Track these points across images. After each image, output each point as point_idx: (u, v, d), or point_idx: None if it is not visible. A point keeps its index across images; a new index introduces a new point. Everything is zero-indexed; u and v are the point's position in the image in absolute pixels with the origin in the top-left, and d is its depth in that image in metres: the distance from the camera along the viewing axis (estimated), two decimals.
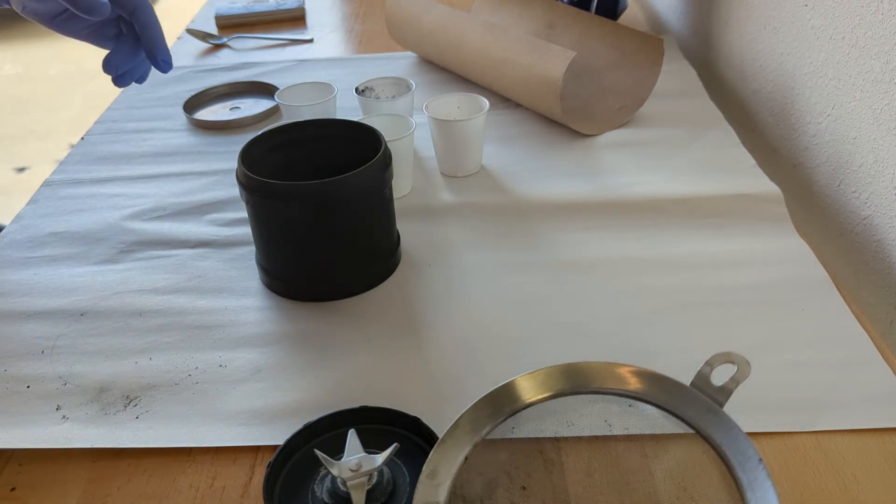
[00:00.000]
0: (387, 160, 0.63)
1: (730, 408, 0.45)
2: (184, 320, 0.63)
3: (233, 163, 0.85)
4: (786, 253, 0.67)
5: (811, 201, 0.79)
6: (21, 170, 2.49)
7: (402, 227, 0.71)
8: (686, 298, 0.62)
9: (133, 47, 0.67)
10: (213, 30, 1.27)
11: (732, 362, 0.45)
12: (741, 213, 0.72)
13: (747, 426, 0.45)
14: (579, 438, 0.48)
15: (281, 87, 1.00)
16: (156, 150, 0.89)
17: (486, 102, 0.78)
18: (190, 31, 1.22)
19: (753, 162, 0.79)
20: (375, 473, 0.45)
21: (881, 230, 0.68)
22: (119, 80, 0.67)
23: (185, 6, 3.74)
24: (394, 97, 0.87)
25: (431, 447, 0.43)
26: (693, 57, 1.09)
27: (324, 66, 1.09)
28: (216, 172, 0.83)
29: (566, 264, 0.67)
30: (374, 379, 0.56)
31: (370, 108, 0.85)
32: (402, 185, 0.76)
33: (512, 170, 0.81)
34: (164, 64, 0.68)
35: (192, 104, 0.97)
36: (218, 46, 1.20)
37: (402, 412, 0.49)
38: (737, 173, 0.77)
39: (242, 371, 0.57)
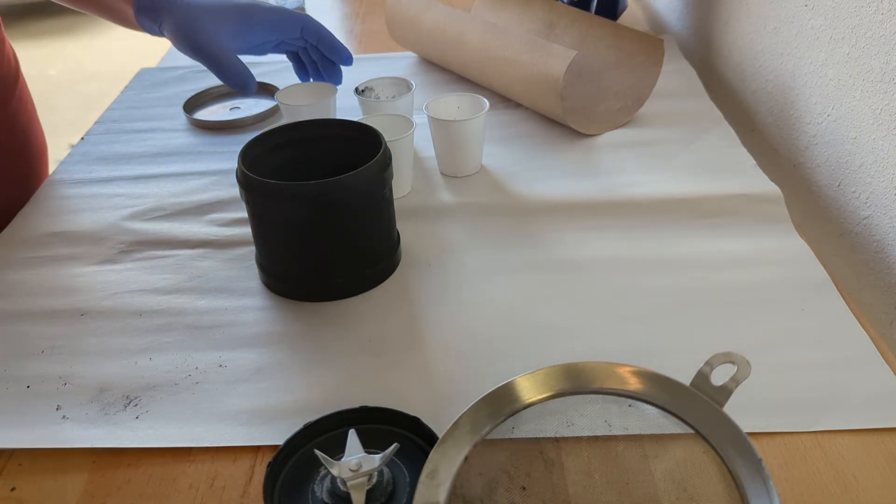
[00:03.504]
0: (387, 160, 0.63)
1: (730, 408, 0.45)
2: (184, 320, 0.62)
3: (233, 163, 0.85)
4: (786, 253, 0.67)
5: (811, 201, 0.79)
6: None
7: (402, 227, 0.71)
8: (686, 298, 0.62)
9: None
10: None
11: (732, 362, 0.45)
12: (741, 213, 0.72)
13: (747, 426, 0.44)
14: (579, 438, 0.48)
15: (281, 87, 1.00)
16: (156, 150, 0.89)
17: (486, 102, 0.78)
18: None
19: (753, 162, 0.79)
20: (375, 473, 0.45)
21: (881, 230, 0.68)
22: (338, 81, 0.90)
23: None
24: (394, 97, 0.87)
25: (431, 447, 0.43)
26: (693, 57, 1.09)
27: None
28: (216, 172, 0.83)
29: (566, 264, 0.67)
30: (374, 379, 0.56)
31: (370, 108, 0.84)
32: (402, 185, 0.76)
33: (512, 170, 0.81)
34: (349, 59, 0.88)
35: (192, 104, 0.97)
36: None
37: (402, 412, 0.49)
38: (737, 173, 0.77)
39: (242, 371, 0.57)
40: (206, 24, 0.78)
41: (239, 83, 0.79)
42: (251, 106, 0.98)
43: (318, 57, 0.88)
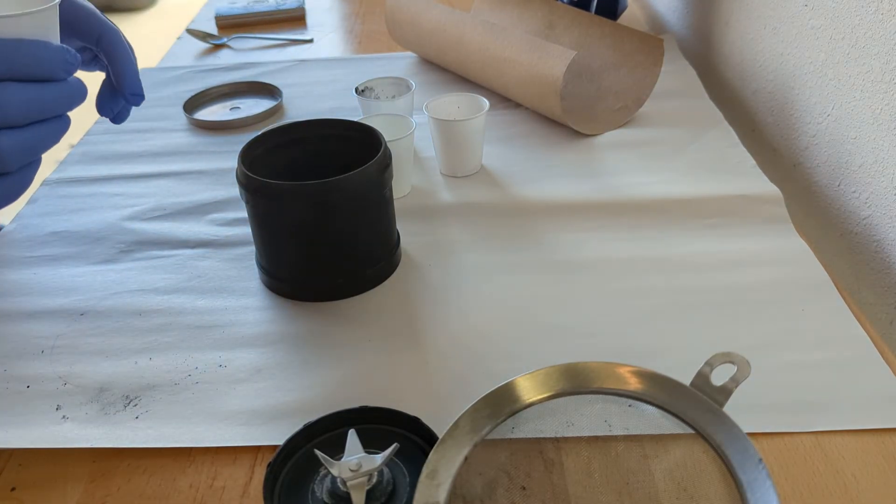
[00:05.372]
0: (387, 160, 0.63)
1: (730, 408, 0.45)
2: (184, 320, 0.62)
3: (233, 163, 0.85)
4: (786, 253, 0.67)
5: (811, 201, 0.79)
6: None
7: (402, 227, 0.71)
8: (686, 298, 0.62)
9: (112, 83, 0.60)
10: (213, 30, 1.27)
11: (732, 362, 0.45)
12: (741, 214, 0.72)
13: (747, 426, 0.45)
14: (579, 438, 0.48)
15: (282, 88, 1.00)
16: (156, 150, 0.89)
17: (486, 102, 0.78)
18: (190, 31, 1.22)
19: (753, 162, 0.79)
20: (375, 473, 0.45)
21: (881, 230, 0.68)
22: (118, 119, 0.62)
23: (185, 6, 3.73)
24: (394, 97, 0.87)
25: (431, 447, 0.43)
26: (693, 57, 1.09)
27: (324, 66, 1.09)
28: (216, 172, 0.83)
29: (566, 264, 0.67)
30: (374, 379, 0.56)
31: (370, 108, 0.85)
32: (402, 185, 0.76)
33: (512, 170, 0.81)
34: (134, 97, 0.60)
35: (192, 104, 0.97)
36: (218, 46, 1.20)
37: (402, 412, 0.49)
38: (737, 173, 0.77)
39: (242, 371, 0.57)
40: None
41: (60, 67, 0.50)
42: (251, 106, 0.98)
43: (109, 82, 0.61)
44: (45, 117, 0.47)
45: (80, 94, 0.49)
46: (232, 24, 1.27)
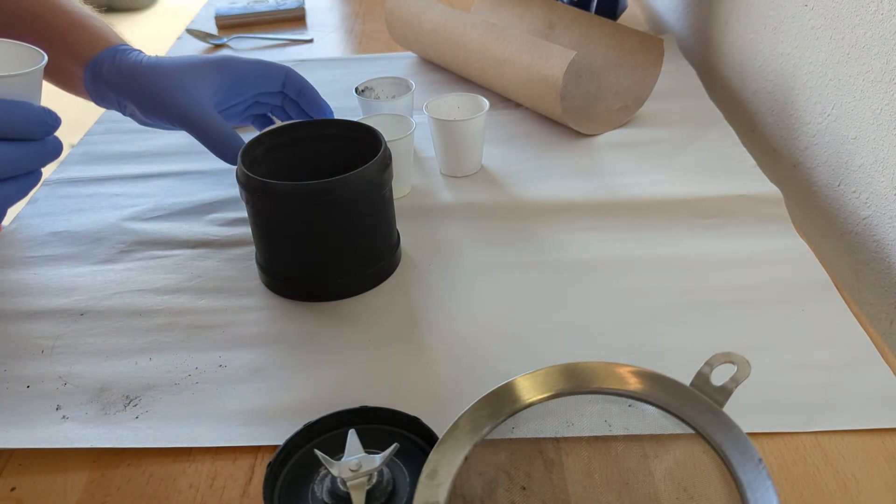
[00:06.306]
0: (387, 160, 0.63)
1: (730, 408, 0.45)
2: (184, 320, 0.62)
3: None
4: (786, 253, 0.67)
5: (811, 201, 0.79)
6: None
7: (402, 227, 0.71)
8: (686, 298, 0.62)
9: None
10: (213, 30, 1.27)
11: (732, 362, 0.45)
12: (741, 214, 0.72)
13: (747, 426, 0.44)
14: (579, 438, 0.48)
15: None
16: (156, 150, 0.88)
17: (486, 102, 0.78)
18: (190, 32, 1.22)
19: (753, 162, 0.79)
20: (375, 473, 0.45)
21: (881, 230, 0.68)
22: None
23: (185, 6, 3.73)
24: (394, 97, 0.87)
25: (431, 447, 0.43)
26: (693, 57, 1.09)
27: (324, 66, 1.09)
28: (216, 172, 0.83)
29: (566, 264, 0.67)
30: (374, 379, 0.56)
31: (370, 108, 0.84)
32: (402, 185, 0.76)
33: (512, 170, 0.81)
34: (330, 115, 0.77)
35: None
36: (218, 46, 1.20)
37: (402, 412, 0.49)
38: (737, 173, 0.77)
39: (242, 371, 0.57)
40: (185, 84, 0.66)
41: (233, 156, 0.64)
42: None
43: (295, 112, 0.77)
44: (15, 175, 0.49)
45: (54, 152, 0.51)
46: (232, 24, 1.27)
